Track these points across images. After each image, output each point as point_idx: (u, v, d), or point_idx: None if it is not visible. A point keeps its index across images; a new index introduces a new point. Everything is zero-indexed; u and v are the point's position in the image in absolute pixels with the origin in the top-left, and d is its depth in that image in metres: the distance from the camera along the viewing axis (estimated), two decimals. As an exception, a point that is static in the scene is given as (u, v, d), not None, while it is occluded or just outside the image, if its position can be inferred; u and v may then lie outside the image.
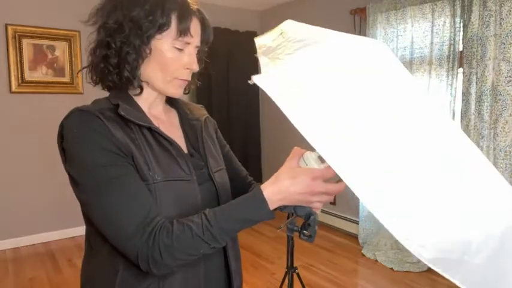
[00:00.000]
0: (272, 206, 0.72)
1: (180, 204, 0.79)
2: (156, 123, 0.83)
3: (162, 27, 0.77)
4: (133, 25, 0.77)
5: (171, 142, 0.82)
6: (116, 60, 0.79)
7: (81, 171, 0.74)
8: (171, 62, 0.80)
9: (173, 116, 0.94)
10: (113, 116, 0.76)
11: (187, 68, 0.83)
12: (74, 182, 0.76)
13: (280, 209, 0.77)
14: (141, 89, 0.83)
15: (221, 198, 0.88)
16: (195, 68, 0.84)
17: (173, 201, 0.78)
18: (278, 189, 0.72)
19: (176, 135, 0.88)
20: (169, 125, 0.90)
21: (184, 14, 0.79)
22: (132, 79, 0.80)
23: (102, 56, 0.80)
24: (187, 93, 0.93)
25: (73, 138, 0.74)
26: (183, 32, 0.79)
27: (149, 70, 0.81)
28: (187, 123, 0.94)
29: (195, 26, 0.82)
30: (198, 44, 0.84)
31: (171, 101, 0.96)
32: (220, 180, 0.90)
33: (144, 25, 0.77)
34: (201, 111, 1.00)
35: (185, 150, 0.88)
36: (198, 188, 0.83)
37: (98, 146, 0.72)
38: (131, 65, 0.79)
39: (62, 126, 0.76)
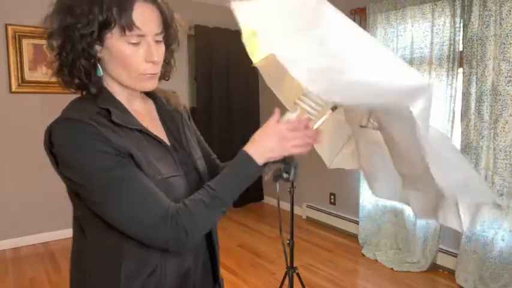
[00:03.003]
0: (257, 160, 0.80)
1: (172, 197, 0.81)
2: (137, 117, 0.84)
3: (106, 25, 0.73)
4: (72, 31, 0.74)
5: (160, 141, 0.85)
6: (67, 69, 0.78)
7: (88, 176, 0.74)
8: (130, 59, 0.77)
9: (149, 105, 0.93)
10: (104, 121, 0.76)
11: (149, 61, 0.79)
12: (77, 185, 0.77)
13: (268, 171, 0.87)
14: (97, 88, 0.81)
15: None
16: (156, 59, 0.79)
17: (167, 195, 0.80)
18: (254, 143, 0.81)
19: (157, 128, 0.89)
20: (149, 118, 0.90)
21: (125, 6, 0.73)
22: (86, 84, 0.79)
23: (59, 64, 0.79)
24: (167, 80, 0.92)
25: (70, 147, 0.74)
26: (127, 26, 0.74)
27: (112, 71, 0.80)
28: (166, 114, 0.94)
29: (145, 15, 0.76)
30: (157, 30, 0.79)
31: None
32: (202, 169, 0.94)
33: (82, 29, 0.73)
34: (176, 100, 0.99)
35: (167, 142, 0.89)
36: (186, 181, 0.87)
37: (98, 151, 0.73)
38: (83, 72, 0.77)
39: (50, 133, 0.76)
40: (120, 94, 0.84)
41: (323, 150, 1.32)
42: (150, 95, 0.95)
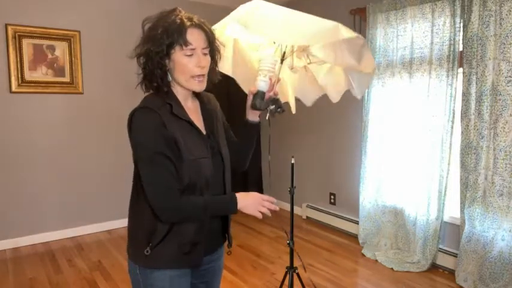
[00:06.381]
0: (238, 206, 1.21)
1: (200, 172, 1.20)
2: (188, 112, 1.23)
3: (171, 45, 1.13)
4: (151, 51, 1.14)
5: (200, 131, 1.24)
6: (148, 77, 1.18)
7: (139, 148, 1.16)
8: (185, 66, 1.16)
9: (196, 103, 1.33)
10: (166, 112, 1.16)
11: (198, 66, 1.16)
12: (134, 154, 1.18)
13: (256, 107, 1.36)
14: (167, 89, 1.21)
15: (225, 166, 1.31)
16: (203, 64, 1.17)
17: (196, 170, 1.19)
18: (244, 199, 1.23)
19: (199, 120, 1.29)
20: (195, 113, 1.29)
21: (181, 31, 1.13)
22: (161, 85, 1.19)
23: (144, 75, 1.19)
24: (216, 82, 1.32)
25: (139, 128, 1.14)
26: (184, 43, 1.13)
27: (176, 76, 1.19)
28: (206, 111, 1.33)
29: (194, 36, 1.14)
30: (204, 46, 1.17)
31: (194, 93, 1.32)
32: (224, 153, 1.32)
33: (156, 49, 1.13)
34: (213, 101, 1.41)
35: (204, 131, 1.27)
36: (211, 162, 1.24)
37: (153, 135, 1.12)
38: (158, 77, 1.17)
39: (132, 116, 1.16)
40: (180, 94, 1.23)
41: (304, 97, 2.00)
42: (197, 96, 1.33)
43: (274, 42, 1.63)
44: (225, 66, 1.77)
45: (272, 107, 1.40)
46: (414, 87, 3.10)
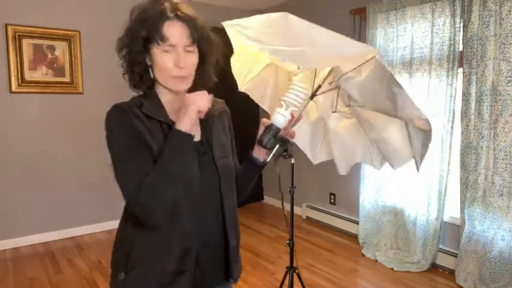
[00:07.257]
0: (182, 127, 0.97)
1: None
2: (176, 116, 1.04)
3: (149, 39, 0.99)
4: (128, 46, 1.02)
5: None
6: (128, 74, 1.05)
7: (110, 144, 1.03)
8: (163, 63, 1.00)
9: None
10: (138, 113, 1.01)
11: (176, 66, 0.99)
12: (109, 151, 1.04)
13: (262, 144, 1.12)
14: (148, 89, 1.07)
15: (222, 180, 1.09)
16: (182, 65, 0.99)
17: None
18: (178, 121, 0.99)
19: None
20: None
21: (158, 24, 0.98)
22: (139, 85, 1.06)
23: (124, 71, 1.06)
24: (211, 86, 1.14)
25: (109, 124, 1.03)
26: (160, 38, 0.98)
27: (155, 75, 1.04)
28: (205, 117, 1.10)
29: (174, 29, 0.98)
30: (186, 43, 1.00)
31: None
32: (222, 165, 1.10)
33: (132, 43, 1.00)
34: (218, 106, 1.20)
35: (198, 138, 1.08)
36: (199, 166, 1.04)
37: (121, 132, 1.00)
38: (137, 75, 1.03)
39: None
40: (165, 95, 1.07)
41: (307, 151, 1.74)
42: None
43: (298, 67, 1.36)
44: (264, 104, 1.60)
45: (279, 148, 1.14)
46: (414, 87, 3.10)
